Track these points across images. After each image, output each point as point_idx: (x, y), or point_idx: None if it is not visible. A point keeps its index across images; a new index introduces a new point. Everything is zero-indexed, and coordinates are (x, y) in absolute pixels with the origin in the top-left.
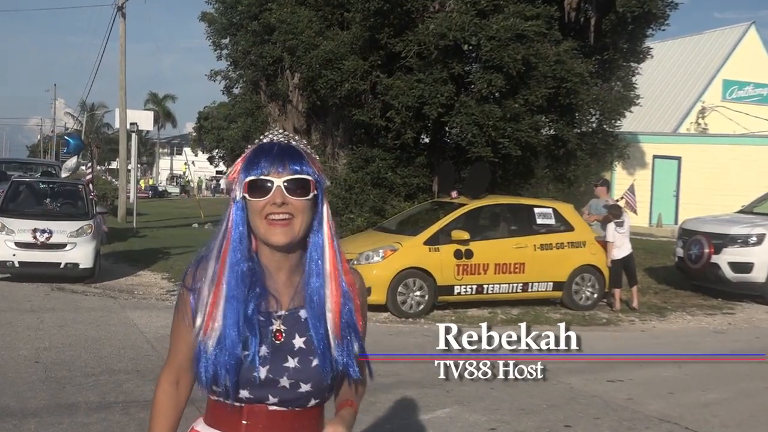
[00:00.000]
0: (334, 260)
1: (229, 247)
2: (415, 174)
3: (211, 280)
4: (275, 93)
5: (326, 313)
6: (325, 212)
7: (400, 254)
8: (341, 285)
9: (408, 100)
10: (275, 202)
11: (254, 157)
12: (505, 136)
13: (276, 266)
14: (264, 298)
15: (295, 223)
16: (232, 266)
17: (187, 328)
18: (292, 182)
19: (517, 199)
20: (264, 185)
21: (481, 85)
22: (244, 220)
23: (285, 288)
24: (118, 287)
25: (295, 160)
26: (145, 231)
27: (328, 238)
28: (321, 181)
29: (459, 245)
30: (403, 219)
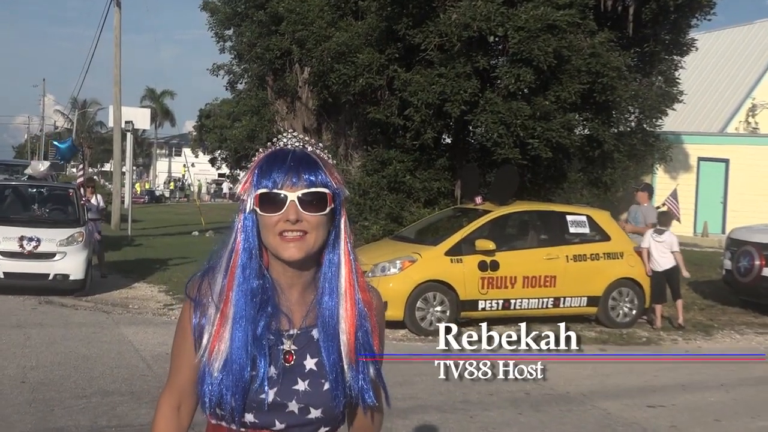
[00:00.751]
0: (350, 277)
1: (238, 262)
2: (435, 178)
3: (219, 296)
4: (283, 89)
5: (339, 335)
6: (343, 226)
7: (419, 266)
8: (357, 304)
9: (428, 96)
10: (289, 219)
11: (266, 166)
12: (534, 136)
13: (288, 283)
14: (275, 317)
15: (309, 238)
16: (241, 283)
17: (190, 346)
18: (308, 196)
19: (548, 206)
20: (276, 199)
21: (508, 81)
22: (255, 234)
23: (297, 306)
24: (111, 301)
25: (311, 170)
26: (140, 239)
27: (344, 253)
28: (339, 193)
29: (484, 256)
30: (422, 227)
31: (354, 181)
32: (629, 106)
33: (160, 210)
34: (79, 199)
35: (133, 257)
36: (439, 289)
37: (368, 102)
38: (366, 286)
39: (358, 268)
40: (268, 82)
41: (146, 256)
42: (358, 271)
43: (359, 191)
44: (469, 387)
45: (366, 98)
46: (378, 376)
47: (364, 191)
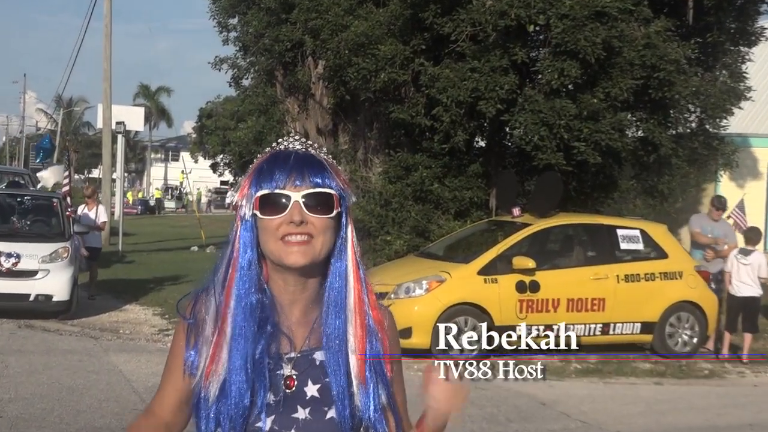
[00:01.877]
0: (359, 291)
1: (236, 275)
2: (467, 186)
3: (215, 314)
4: (294, 85)
5: (348, 356)
6: (350, 234)
7: (448, 286)
8: (367, 321)
9: (459, 94)
10: (293, 221)
11: (267, 167)
12: (580, 138)
13: (289, 300)
14: (275, 337)
15: (315, 243)
16: (239, 298)
17: (179, 369)
18: (313, 197)
19: (596, 218)
20: (279, 201)
21: (550, 76)
22: (254, 243)
23: (299, 326)
24: (99, 325)
25: (316, 171)
26: (132, 255)
27: (352, 264)
28: (346, 197)
29: (522, 276)
30: (452, 242)
31: (374, 189)
32: (689, 105)
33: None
34: (65, 209)
35: (125, 276)
36: (471, 313)
37: (391, 100)
38: (376, 303)
39: (367, 282)
40: (278, 78)
41: (139, 275)
42: (368, 285)
43: (380, 201)
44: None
45: (388, 96)
46: (391, 404)
47: (386, 201)
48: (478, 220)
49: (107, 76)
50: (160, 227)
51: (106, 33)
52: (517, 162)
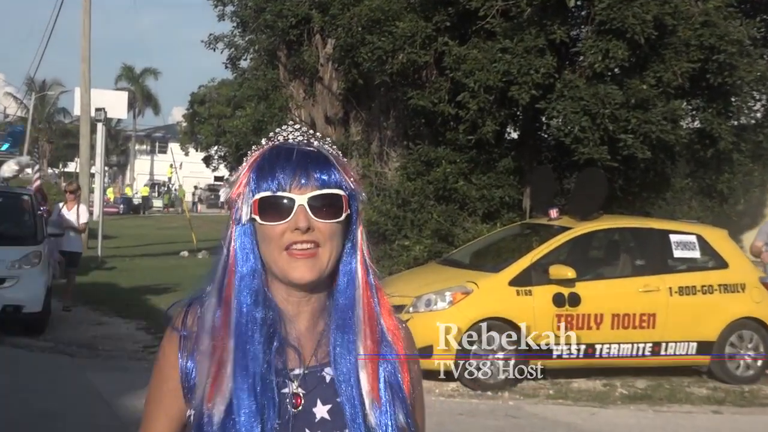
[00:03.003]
0: (369, 298)
1: (235, 285)
2: (497, 183)
3: (213, 329)
4: (299, 67)
5: (359, 370)
6: (360, 236)
7: (475, 299)
8: (379, 331)
9: (488, 77)
10: (298, 227)
11: (266, 164)
12: (628, 130)
13: (294, 310)
14: (281, 352)
15: (323, 253)
16: (242, 312)
17: (171, 391)
18: (319, 199)
19: (646, 222)
20: (281, 204)
21: (593, 58)
22: (255, 249)
23: (306, 339)
24: (76, 340)
25: (323, 168)
26: (114, 261)
27: (361, 268)
28: (356, 195)
29: (560, 287)
30: (479, 248)
31: (391, 187)
32: (754, 92)
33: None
34: (36, 208)
35: (105, 284)
36: (501, 330)
37: (410, 85)
38: (390, 310)
39: (378, 288)
40: (280, 59)
41: (121, 284)
42: (379, 291)
43: (397, 200)
44: None
45: (407, 80)
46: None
47: (403, 201)
48: (510, 222)
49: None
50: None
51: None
52: (554, 157)
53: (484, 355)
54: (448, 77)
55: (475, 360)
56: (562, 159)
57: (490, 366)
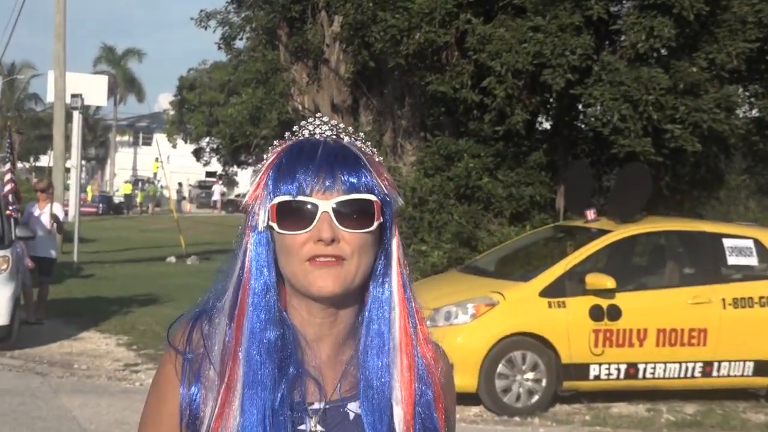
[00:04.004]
0: (406, 324)
1: (248, 302)
2: (527, 180)
3: (223, 351)
4: (302, 48)
5: (393, 407)
6: (395, 249)
7: (501, 311)
8: (417, 363)
9: (517, 60)
10: (322, 238)
11: (288, 164)
12: (675, 119)
13: (316, 334)
14: (299, 382)
15: (350, 265)
16: (254, 333)
17: (170, 419)
18: (347, 206)
19: (696, 224)
20: (303, 210)
21: (636, 37)
22: (272, 261)
23: (328, 368)
24: (48, 357)
25: (352, 169)
26: (92, 268)
27: (398, 289)
28: (390, 201)
29: (598, 298)
30: (506, 254)
31: (406, 184)
32: None
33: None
34: (4, 208)
35: (81, 294)
36: (530, 347)
37: (428, 68)
38: (428, 338)
39: (417, 312)
40: (281, 38)
41: (100, 293)
42: (418, 315)
43: (413, 199)
44: None
45: (425, 62)
46: None
47: (420, 200)
48: (541, 225)
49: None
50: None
51: None
52: (592, 150)
53: (512, 375)
54: (472, 60)
55: (501, 381)
56: (600, 152)
57: (518, 388)
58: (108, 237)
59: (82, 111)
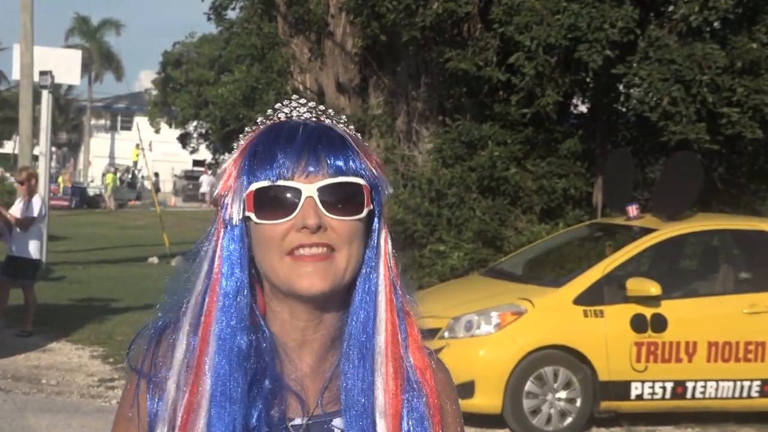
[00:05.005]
0: (394, 326)
1: (216, 306)
2: (559, 171)
3: (185, 365)
4: (304, 19)
5: (376, 421)
6: (383, 241)
7: (530, 321)
8: (405, 371)
9: (550, 33)
10: (306, 226)
11: (264, 148)
12: (733, 102)
13: (298, 340)
14: (277, 396)
15: (339, 258)
16: (222, 341)
17: None
18: (333, 190)
19: (754, 222)
20: (284, 197)
21: (688, 8)
22: (244, 259)
23: (311, 379)
24: (13, 371)
25: (337, 151)
26: (63, 269)
27: (384, 285)
28: (379, 187)
29: (641, 306)
30: (536, 255)
31: (422, 175)
32: None
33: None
34: None
35: (51, 299)
36: (563, 362)
37: (447, 43)
38: (420, 343)
39: (406, 312)
40: (279, 8)
41: (72, 298)
42: (408, 318)
43: (430, 193)
44: None
45: (444, 36)
46: None
47: (438, 193)
48: (576, 222)
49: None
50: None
51: None
52: (635, 137)
53: (541, 394)
54: (497, 33)
55: (530, 401)
56: (644, 140)
57: (549, 408)
58: (81, 234)
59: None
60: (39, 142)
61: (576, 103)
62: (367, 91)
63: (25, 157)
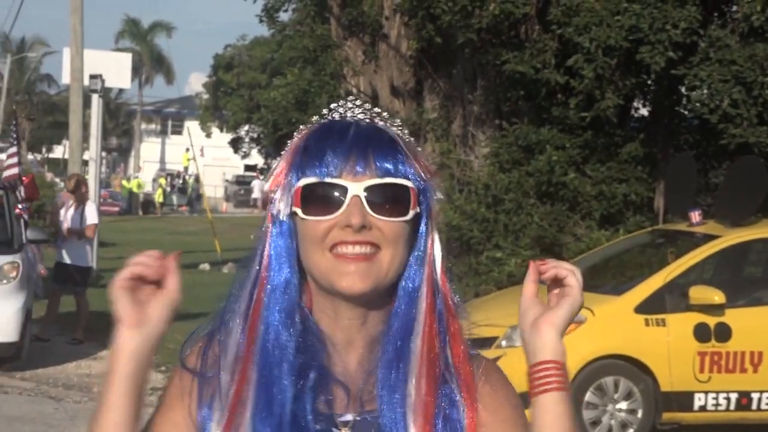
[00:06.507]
0: (431, 326)
1: (265, 300)
2: (620, 176)
3: (235, 357)
4: (358, 21)
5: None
6: (430, 245)
7: (589, 330)
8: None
9: (610, 35)
10: (350, 224)
11: (314, 145)
12: None
13: (345, 337)
14: (323, 390)
15: (382, 258)
16: (269, 331)
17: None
18: (380, 191)
19: None
20: (330, 195)
21: (750, 8)
22: (292, 255)
23: (358, 374)
24: (64, 379)
25: (386, 153)
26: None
27: (426, 285)
28: (428, 191)
29: (704, 315)
30: (595, 262)
31: (478, 180)
32: None
33: (145, 226)
34: (12, 206)
35: (101, 307)
36: (624, 372)
37: (504, 45)
38: (467, 353)
39: (450, 313)
40: (333, 10)
41: None
42: (450, 318)
43: (486, 198)
44: None
45: (500, 38)
46: None
47: (495, 199)
48: (637, 228)
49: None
50: (155, 234)
51: None
52: (697, 140)
53: (602, 405)
54: (555, 35)
55: (590, 412)
56: (707, 144)
57: (610, 420)
58: (131, 240)
59: (102, 94)
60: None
61: (637, 106)
62: (421, 95)
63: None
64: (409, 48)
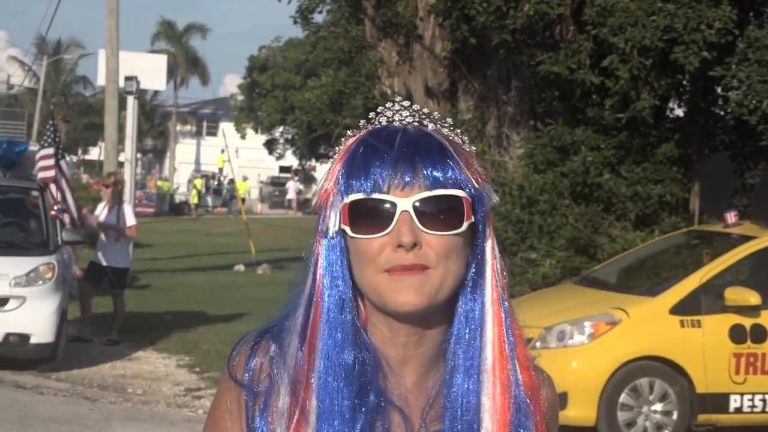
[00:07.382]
0: (501, 342)
1: (321, 320)
2: (655, 177)
3: (293, 378)
4: (392, 22)
5: None
6: (489, 254)
7: (624, 331)
8: (512, 389)
9: (645, 35)
10: (401, 244)
11: (359, 155)
12: None
13: (400, 355)
14: (380, 412)
15: (434, 274)
16: (328, 356)
17: None
18: (431, 203)
19: None
20: (378, 211)
21: None
22: (345, 271)
23: (415, 396)
24: (99, 380)
25: (436, 161)
26: (148, 277)
27: (491, 301)
28: (483, 198)
29: (740, 316)
30: (630, 263)
31: (512, 181)
32: None
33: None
34: (48, 207)
35: (136, 307)
36: (659, 373)
37: (539, 45)
38: (530, 361)
39: (515, 329)
40: (367, 11)
41: (157, 307)
42: (516, 334)
43: (521, 199)
44: None
45: (535, 39)
46: None
47: (529, 200)
48: (672, 229)
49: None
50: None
51: None
52: (733, 141)
53: (637, 406)
54: (590, 35)
55: (625, 413)
56: (743, 144)
57: (645, 421)
58: (166, 242)
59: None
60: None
61: (672, 106)
62: (456, 96)
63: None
64: (444, 49)
